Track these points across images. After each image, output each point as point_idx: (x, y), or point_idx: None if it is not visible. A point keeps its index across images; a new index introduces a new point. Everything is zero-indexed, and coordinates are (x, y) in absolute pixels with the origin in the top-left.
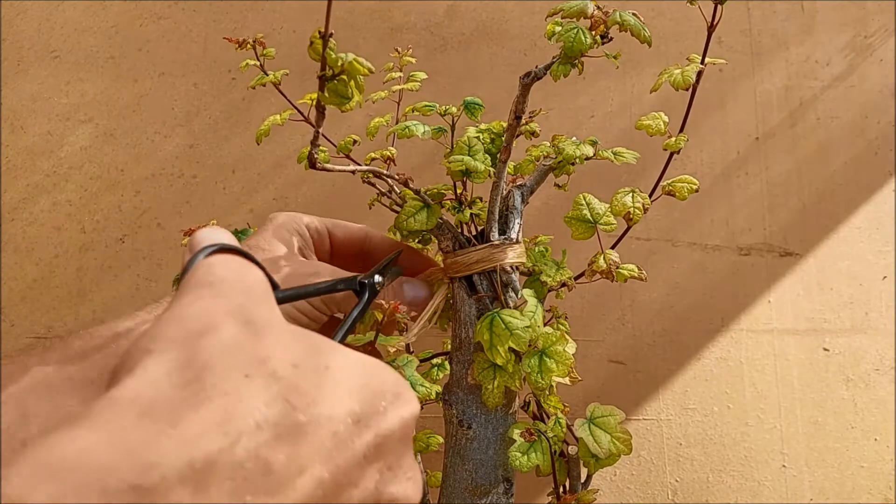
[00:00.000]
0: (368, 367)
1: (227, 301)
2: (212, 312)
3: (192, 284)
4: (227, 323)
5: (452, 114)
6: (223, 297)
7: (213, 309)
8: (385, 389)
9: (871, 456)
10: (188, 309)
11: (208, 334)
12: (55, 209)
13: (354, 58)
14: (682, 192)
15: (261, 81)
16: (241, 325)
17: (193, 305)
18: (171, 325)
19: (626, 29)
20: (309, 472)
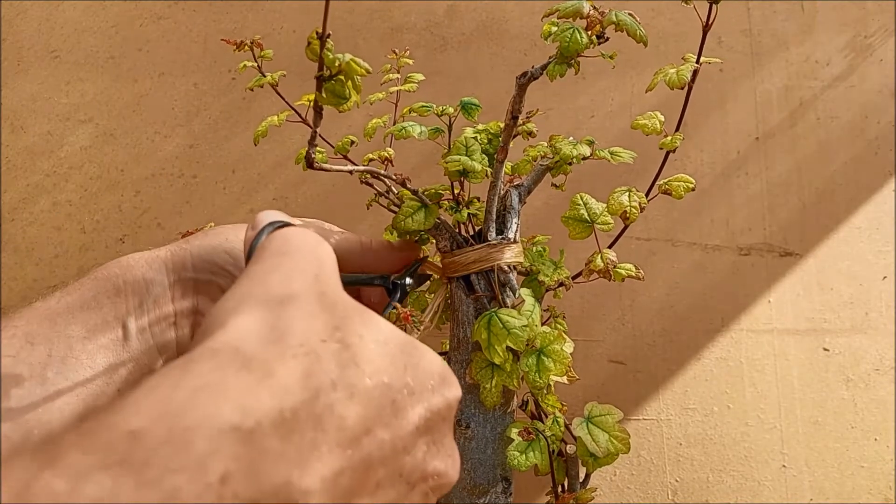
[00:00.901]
0: (420, 349)
1: (304, 271)
2: (292, 281)
3: (272, 252)
4: (306, 293)
5: (449, 114)
6: (300, 267)
7: (294, 277)
8: (434, 371)
9: (871, 456)
10: (271, 275)
11: (290, 302)
12: (55, 209)
13: (352, 58)
14: (679, 191)
15: (258, 83)
16: (316, 296)
17: (275, 272)
18: (256, 287)
19: (621, 29)
20: (373, 433)
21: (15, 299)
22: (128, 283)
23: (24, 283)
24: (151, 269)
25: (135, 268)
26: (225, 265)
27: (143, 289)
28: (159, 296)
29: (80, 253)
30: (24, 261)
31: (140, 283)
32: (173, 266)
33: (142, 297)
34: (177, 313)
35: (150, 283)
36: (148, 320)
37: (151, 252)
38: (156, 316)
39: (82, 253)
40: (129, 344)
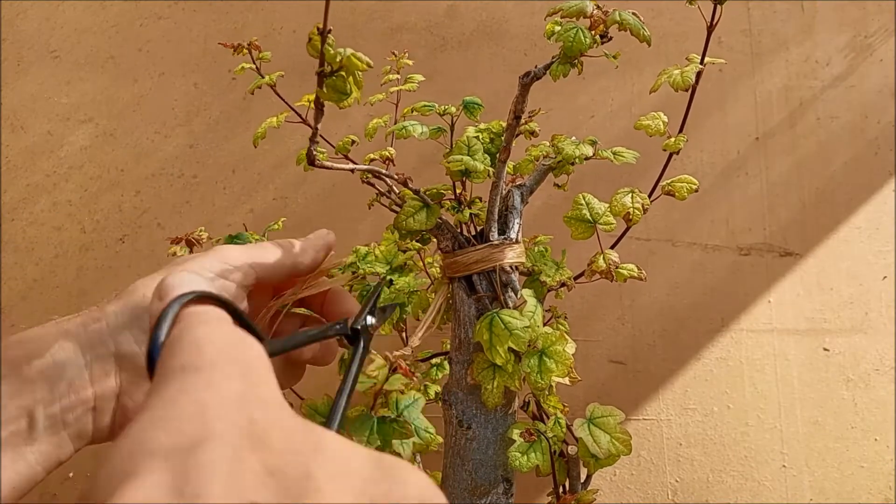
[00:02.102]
0: (395, 472)
1: (223, 395)
2: (206, 412)
3: (177, 368)
4: (227, 429)
5: (451, 114)
6: (217, 387)
7: (209, 406)
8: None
9: (871, 456)
10: (175, 409)
11: (205, 447)
12: (55, 209)
13: (352, 53)
14: (682, 192)
15: (257, 84)
16: (241, 430)
17: (181, 403)
18: (158, 432)
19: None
20: None
21: (15, 299)
22: (35, 367)
23: (24, 283)
24: (62, 349)
25: (42, 349)
26: (144, 321)
27: (53, 373)
28: (74, 379)
29: (80, 253)
30: (24, 261)
31: (50, 367)
32: (88, 341)
33: (52, 383)
34: (96, 397)
35: (62, 365)
36: (59, 407)
37: (60, 325)
38: (70, 402)
39: (82, 253)
40: (33, 437)
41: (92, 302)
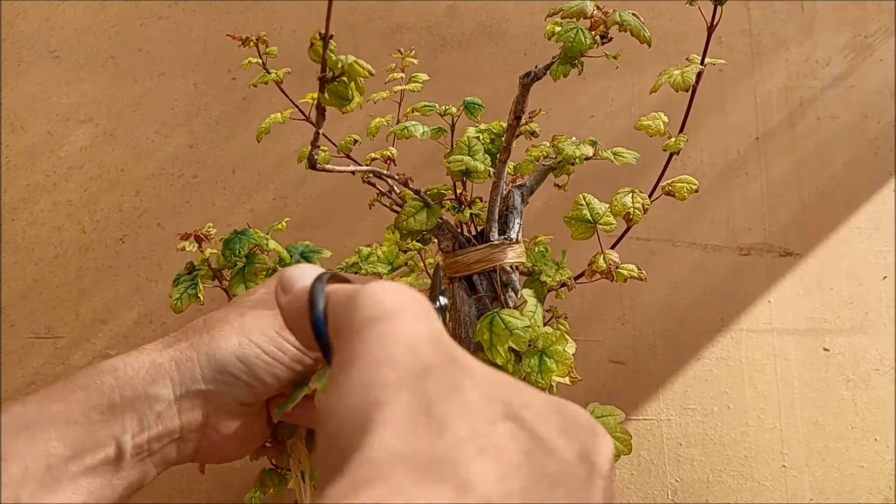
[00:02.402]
0: (563, 404)
1: (419, 331)
2: (416, 349)
3: (366, 320)
4: (438, 361)
5: (452, 114)
6: (411, 327)
7: (415, 345)
8: (585, 426)
9: (871, 456)
10: (385, 349)
11: (429, 377)
12: (55, 209)
13: (355, 60)
14: (682, 193)
15: (263, 79)
16: (449, 361)
17: (388, 343)
18: (382, 369)
19: (625, 29)
20: None
21: (15, 299)
22: (126, 398)
23: (24, 283)
24: (155, 383)
25: (134, 380)
26: (240, 375)
27: (144, 405)
28: (163, 412)
29: (80, 253)
30: (24, 261)
31: (141, 400)
32: (180, 379)
33: (142, 415)
34: (182, 428)
35: (153, 399)
36: (147, 437)
37: (151, 356)
38: (157, 433)
39: (82, 253)
40: (121, 464)
41: (92, 302)
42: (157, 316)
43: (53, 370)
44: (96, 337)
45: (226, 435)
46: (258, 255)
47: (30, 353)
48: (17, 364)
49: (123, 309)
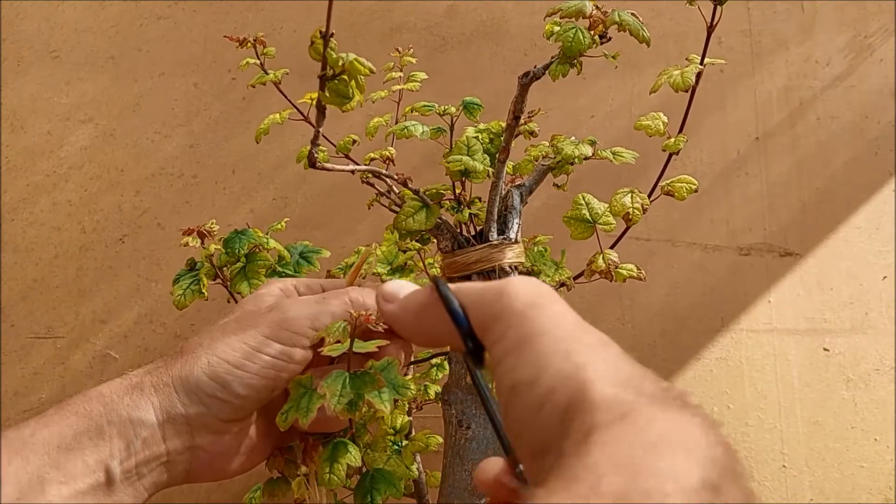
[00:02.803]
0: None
1: (576, 317)
2: (582, 322)
3: (527, 305)
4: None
5: (451, 114)
6: (569, 314)
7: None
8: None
9: (871, 456)
10: (564, 327)
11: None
12: (55, 209)
13: (355, 58)
14: (682, 193)
15: (261, 80)
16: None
17: (565, 324)
18: (575, 343)
19: (624, 29)
20: None
21: (15, 299)
22: (112, 423)
23: (24, 283)
24: (138, 409)
25: (119, 406)
26: (214, 392)
27: (129, 431)
28: (148, 438)
29: (80, 253)
30: (24, 261)
31: (126, 425)
32: (161, 404)
33: (128, 440)
34: (169, 452)
35: (138, 423)
36: (135, 462)
37: (131, 381)
38: (145, 457)
39: (82, 253)
40: (112, 488)
41: (92, 302)
42: (157, 316)
43: (53, 370)
44: (96, 337)
45: (217, 453)
46: (259, 253)
47: (30, 353)
48: (17, 364)
49: (123, 309)
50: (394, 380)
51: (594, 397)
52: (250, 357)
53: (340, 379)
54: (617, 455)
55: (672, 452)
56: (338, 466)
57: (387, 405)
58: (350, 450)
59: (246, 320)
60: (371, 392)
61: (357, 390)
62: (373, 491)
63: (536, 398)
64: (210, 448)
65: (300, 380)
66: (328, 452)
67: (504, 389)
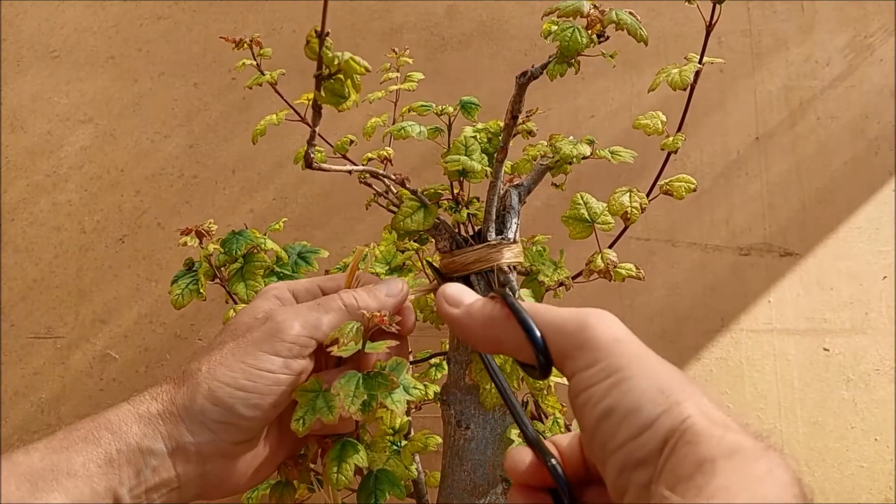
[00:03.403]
0: None
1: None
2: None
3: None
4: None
5: (449, 114)
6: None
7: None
8: None
9: (871, 456)
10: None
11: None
12: (55, 209)
13: (351, 56)
14: (680, 192)
15: (257, 81)
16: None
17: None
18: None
19: (622, 28)
20: None
21: (15, 299)
22: (121, 451)
23: (24, 283)
24: (147, 437)
25: (128, 435)
26: (220, 418)
27: (139, 459)
28: (158, 466)
29: (80, 253)
30: (24, 261)
31: (135, 453)
32: (169, 433)
33: (138, 468)
34: (180, 478)
35: (147, 452)
36: (145, 488)
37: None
38: (154, 484)
39: (82, 253)
40: None
41: (92, 302)
42: (157, 316)
43: (53, 370)
44: (96, 337)
45: (227, 475)
46: (256, 254)
47: (30, 353)
48: (17, 364)
49: (123, 309)
50: (404, 381)
51: (698, 430)
52: (251, 377)
53: (354, 380)
54: (740, 482)
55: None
56: (346, 466)
57: (399, 406)
58: (358, 449)
59: (241, 335)
60: (384, 393)
61: (370, 391)
62: (376, 491)
63: (636, 425)
64: (221, 472)
65: (305, 386)
66: (336, 452)
67: (595, 412)
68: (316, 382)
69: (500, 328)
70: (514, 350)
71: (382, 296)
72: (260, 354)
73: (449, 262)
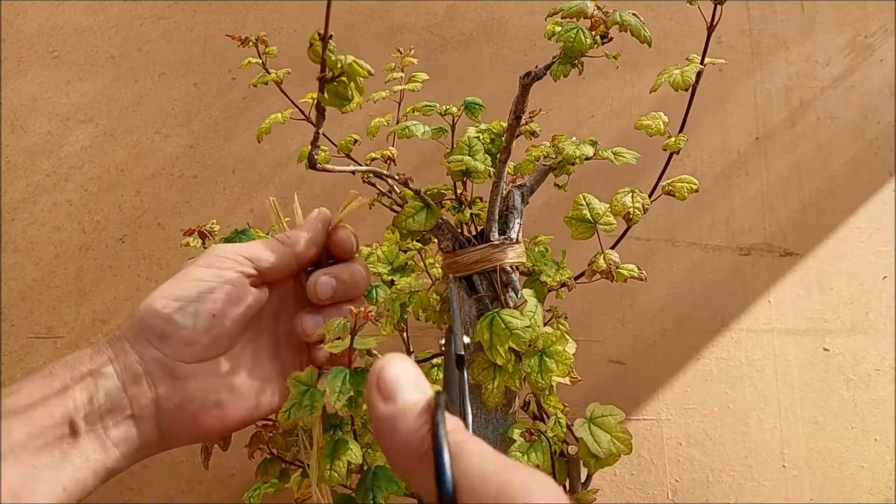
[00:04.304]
0: None
1: None
2: None
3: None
4: None
5: (453, 114)
6: None
7: None
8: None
9: (871, 456)
10: None
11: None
12: (55, 209)
13: (354, 60)
14: (682, 192)
15: (263, 80)
16: None
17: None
18: None
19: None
20: None
21: (15, 299)
22: (75, 379)
23: (24, 283)
24: (95, 361)
25: (81, 364)
26: (159, 329)
27: (91, 384)
28: (111, 390)
29: (80, 253)
30: (24, 261)
31: (87, 379)
32: (115, 355)
33: (91, 393)
34: (133, 405)
35: (98, 376)
36: (99, 414)
37: (91, 346)
38: (108, 408)
39: (82, 253)
40: (77, 441)
41: (92, 302)
42: None
43: None
44: (96, 337)
45: (182, 403)
46: None
47: (30, 353)
48: (17, 364)
49: (123, 309)
50: None
51: None
52: (184, 287)
53: (340, 376)
54: None
55: None
56: (338, 463)
57: None
58: (351, 446)
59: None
60: None
61: (357, 387)
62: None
63: None
64: (174, 397)
65: (299, 377)
66: (329, 449)
67: None
68: (309, 376)
69: (415, 460)
70: (420, 490)
71: (307, 223)
72: (192, 269)
73: (452, 262)
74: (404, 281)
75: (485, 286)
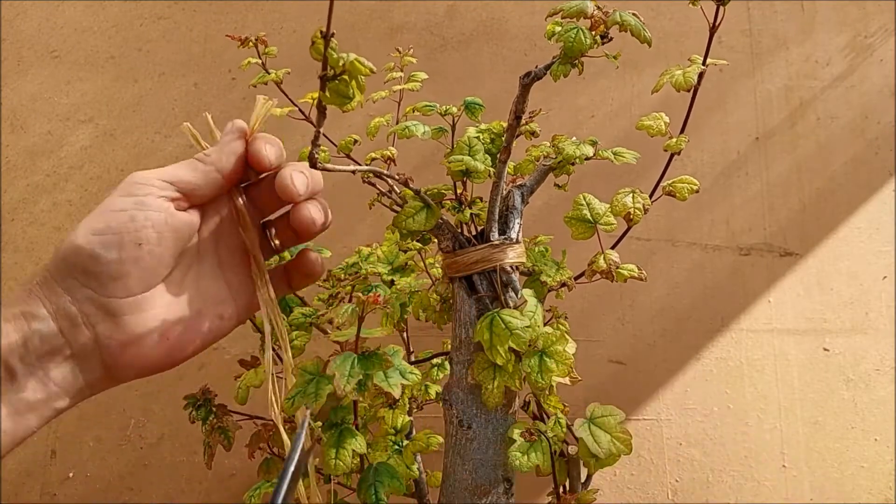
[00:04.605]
0: None
1: None
2: None
3: None
4: None
5: (453, 114)
6: None
7: None
8: None
9: (871, 456)
10: None
11: None
12: (55, 209)
13: (356, 58)
14: (683, 193)
15: (262, 80)
16: None
17: None
18: None
19: (626, 29)
20: None
21: None
22: (8, 320)
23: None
24: (26, 303)
25: (12, 306)
26: (85, 268)
27: (24, 325)
28: (45, 332)
29: None
30: (24, 261)
31: (19, 320)
32: (46, 297)
33: (25, 335)
34: (71, 345)
35: (30, 317)
36: (36, 356)
37: (21, 287)
38: (45, 350)
39: None
40: (16, 383)
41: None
42: None
43: None
44: None
45: (126, 339)
46: None
47: None
48: None
49: None
50: (400, 365)
51: None
52: (105, 219)
53: (349, 360)
54: None
55: None
56: (343, 452)
57: (395, 388)
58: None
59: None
60: (378, 374)
61: (366, 370)
62: (376, 484)
63: None
64: (115, 334)
65: (305, 366)
66: (334, 438)
67: None
68: (315, 365)
69: None
70: None
71: (223, 138)
72: (111, 199)
73: (452, 262)
74: (404, 281)
75: (485, 286)
